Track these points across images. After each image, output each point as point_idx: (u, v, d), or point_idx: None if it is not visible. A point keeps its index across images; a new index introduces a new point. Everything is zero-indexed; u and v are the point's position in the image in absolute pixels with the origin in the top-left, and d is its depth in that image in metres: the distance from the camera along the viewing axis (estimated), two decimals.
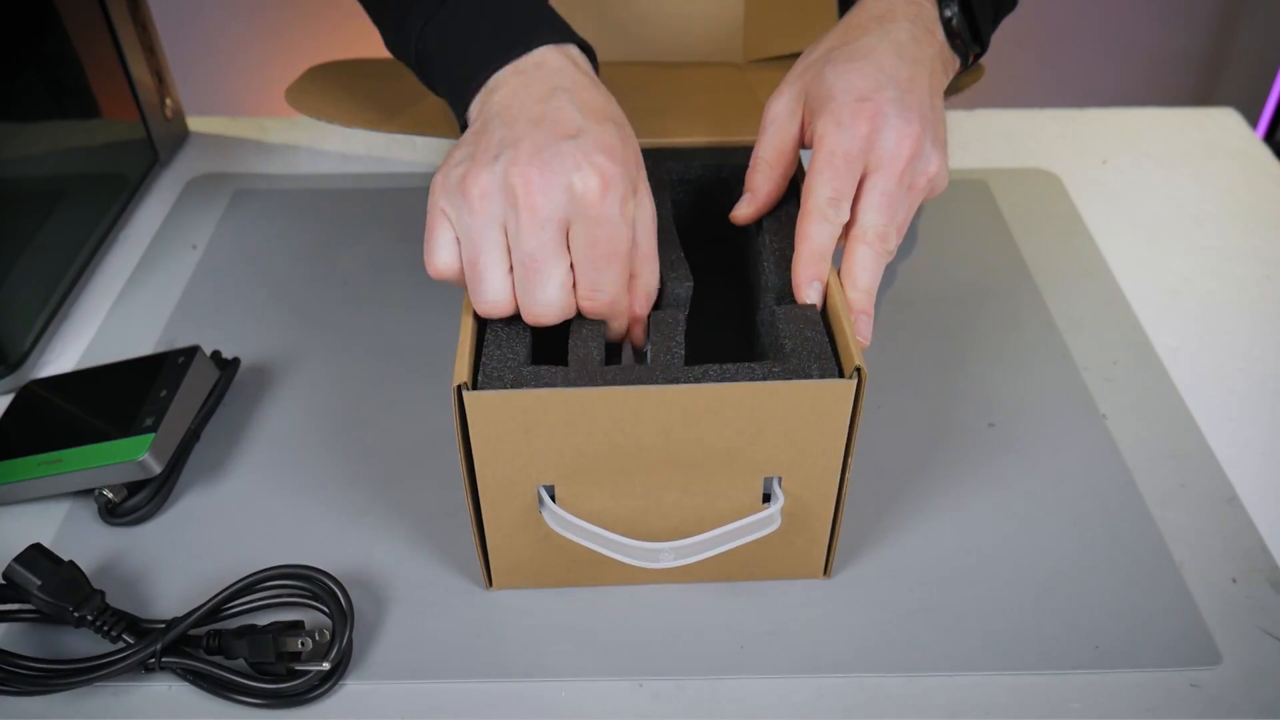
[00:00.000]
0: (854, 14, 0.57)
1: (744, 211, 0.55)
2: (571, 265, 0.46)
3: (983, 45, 0.60)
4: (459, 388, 0.44)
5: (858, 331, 0.49)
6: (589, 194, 0.44)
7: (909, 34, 0.54)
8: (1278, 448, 0.61)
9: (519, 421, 0.45)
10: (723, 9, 0.73)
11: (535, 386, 0.45)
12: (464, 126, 0.51)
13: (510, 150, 0.45)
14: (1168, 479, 0.58)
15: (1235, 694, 0.48)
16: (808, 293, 0.50)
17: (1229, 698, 0.48)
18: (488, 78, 0.49)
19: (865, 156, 0.51)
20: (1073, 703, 0.48)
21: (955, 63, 0.59)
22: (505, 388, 0.45)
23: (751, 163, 0.55)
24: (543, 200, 0.44)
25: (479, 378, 0.46)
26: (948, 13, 0.57)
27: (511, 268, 0.45)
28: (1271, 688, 0.49)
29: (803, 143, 0.55)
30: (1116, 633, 0.51)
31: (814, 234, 0.50)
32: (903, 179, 0.51)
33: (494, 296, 0.46)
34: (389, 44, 0.57)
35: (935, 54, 0.56)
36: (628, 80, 0.72)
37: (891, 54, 0.53)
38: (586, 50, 0.52)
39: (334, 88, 0.65)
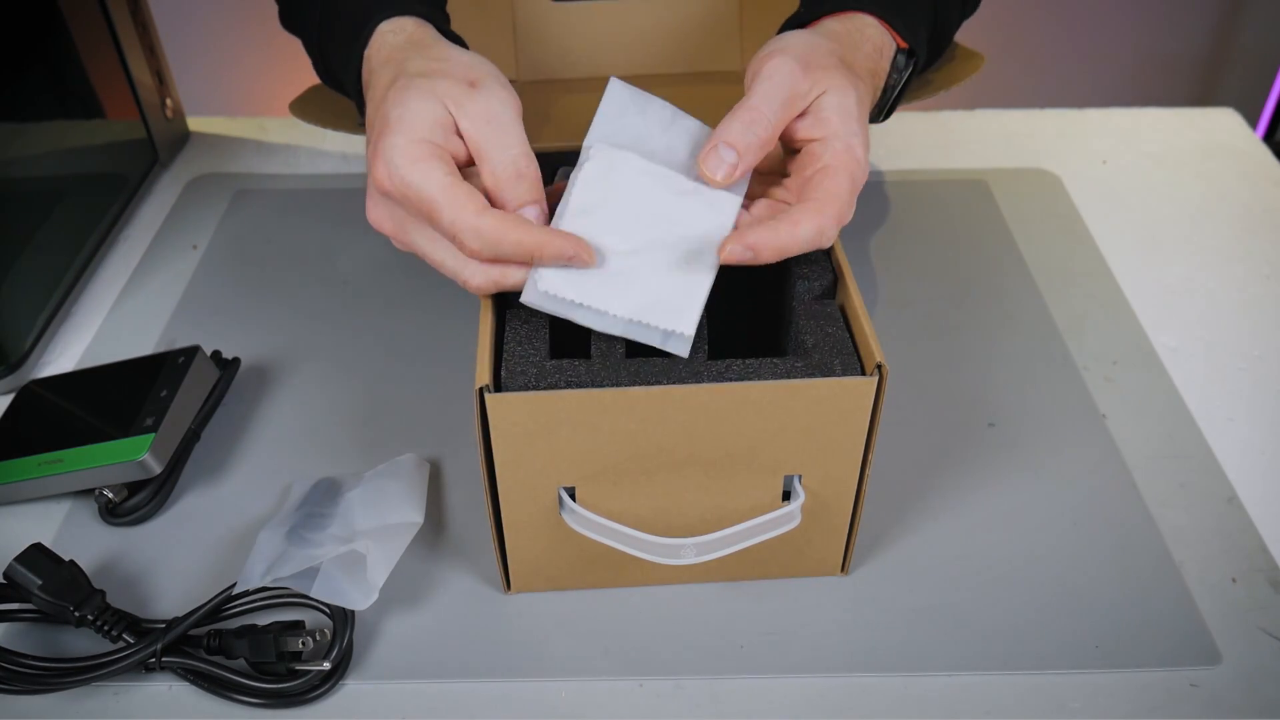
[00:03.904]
0: (828, 27, 0.54)
1: (723, 174, 0.47)
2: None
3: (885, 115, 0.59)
4: (481, 390, 0.44)
5: (706, 165, 0.46)
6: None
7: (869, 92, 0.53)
8: (1278, 448, 0.61)
9: (541, 423, 0.45)
10: (718, 20, 0.73)
11: (559, 382, 0.45)
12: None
13: None
14: (1168, 479, 0.58)
15: (1235, 694, 0.48)
16: (722, 153, 0.46)
17: (1229, 698, 0.48)
18: (358, 77, 0.53)
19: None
20: (1073, 703, 0.48)
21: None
22: (529, 384, 0.45)
23: (747, 116, 0.47)
24: None
25: (501, 374, 0.45)
26: (893, 78, 0.56)
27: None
28: (1271, 688, 0.49)
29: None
30: (1116, 633, 0.51)
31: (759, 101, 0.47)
32: (840, 217, 0.48)
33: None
34: (318, 74, 0.61)
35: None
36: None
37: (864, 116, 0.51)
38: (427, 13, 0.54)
39: (337, 98, 0.65)
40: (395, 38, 0.52)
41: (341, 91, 0.58)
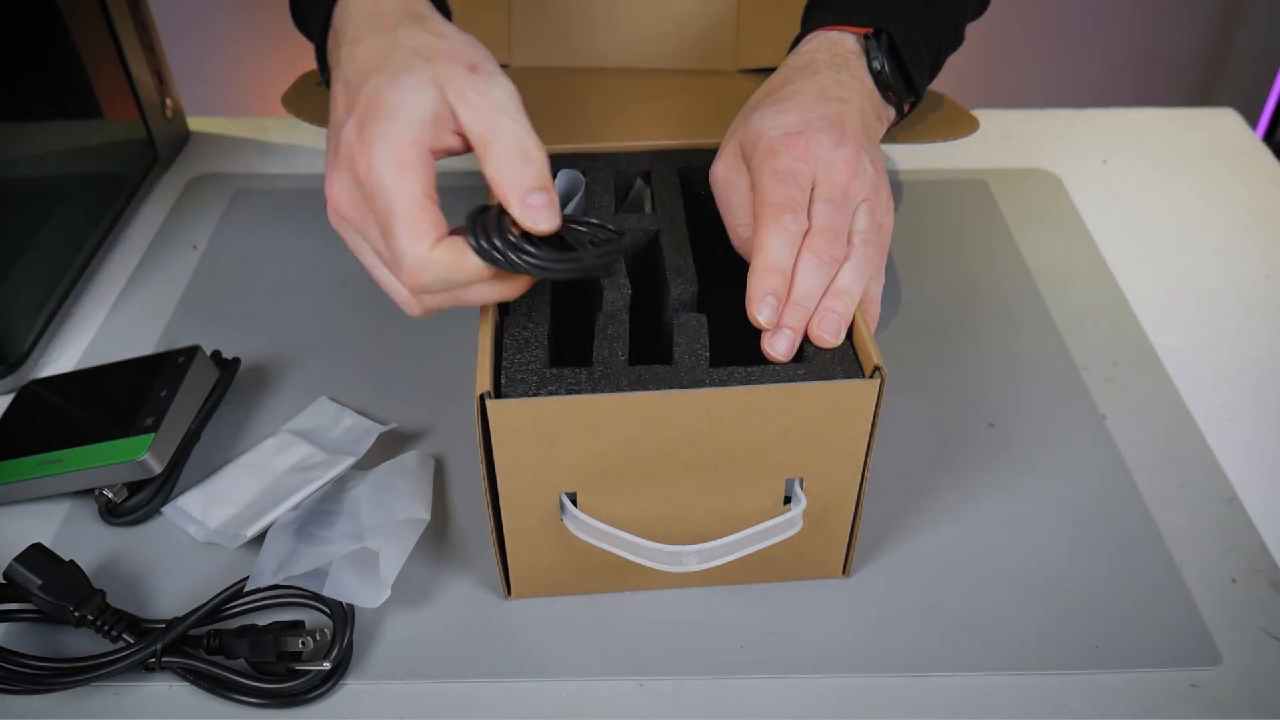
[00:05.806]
0: (778, 71, 0.57)
1: (766, 318, 0.48)
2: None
3: (917, 94, 0.59)
4: (482, 396, 0.44)
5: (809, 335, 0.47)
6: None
7: (832, 79, 0.54)
8: (1278, 448, 0.61)
9: (542, 428, 0.45)
10: (715, 19, 0.73)
11: (559, 390, 0.45)
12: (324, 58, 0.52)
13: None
14: (1168, 479, 0.58)
15: (1235, 694, 0.48)
16: (760, 308, 0.46)
17: (1229, 698, 0.48)
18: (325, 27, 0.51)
19: (809, 175, 0.49)
20: (1072, 702, 0.48)
21: (889, 112, 0.58)
22: (529, 393, 0.44)
23: (731, 234, 0.52)
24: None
25: (501, 382, 0.45)
26: (876, 64, 0.56)
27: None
28: (1271, 688, 0.49)
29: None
30: (1116, 633, 0.51)
31: (770, 243, 0.47)
32: (846, 193, 0.49)
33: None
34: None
35: (864, 97, 0.55)
36: (623, 87, 0.72)
37: (815, 95, 0.53)
38: None
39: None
40: None
41: (307, 34, 0.55)
